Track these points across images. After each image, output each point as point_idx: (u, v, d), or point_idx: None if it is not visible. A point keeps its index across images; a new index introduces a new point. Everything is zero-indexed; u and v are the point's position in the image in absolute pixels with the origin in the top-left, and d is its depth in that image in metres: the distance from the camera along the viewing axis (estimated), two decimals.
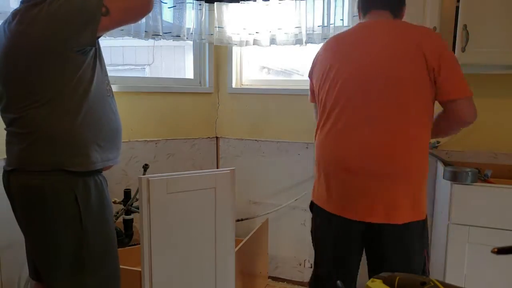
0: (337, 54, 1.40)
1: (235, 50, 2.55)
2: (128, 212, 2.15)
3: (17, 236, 1.37)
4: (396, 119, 1.26)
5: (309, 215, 2.37)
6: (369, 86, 1.29)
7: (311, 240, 1.56)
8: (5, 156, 1.30)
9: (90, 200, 1.27)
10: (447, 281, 1.32)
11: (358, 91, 1.31)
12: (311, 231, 1.55)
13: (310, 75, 1.55)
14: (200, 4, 2.36)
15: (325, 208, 1.40)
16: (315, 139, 1.48)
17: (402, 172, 1.27)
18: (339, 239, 1.41)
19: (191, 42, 2.54)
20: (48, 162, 1.22)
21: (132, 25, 2.16)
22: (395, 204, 1.27)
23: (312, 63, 1.54)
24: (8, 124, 1.28)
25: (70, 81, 1.22)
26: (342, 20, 2.15)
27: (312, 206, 1.52)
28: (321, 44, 1.54)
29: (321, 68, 1.44)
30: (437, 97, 1.30)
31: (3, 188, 1.32)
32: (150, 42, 2.31)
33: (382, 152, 1.27)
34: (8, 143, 1.29)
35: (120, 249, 2.16)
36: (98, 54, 1.31)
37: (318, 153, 1.43)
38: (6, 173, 1.29)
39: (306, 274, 2.46)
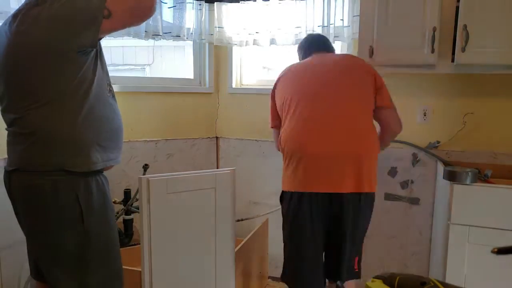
0: (299, 72, 1.68)
1: (235, 50, 2.55)
2: (128, 212, 2.15)
3: (17, 236, 1.37)
4: (356, 113, 1.56)
5: None
6: (330, 88, 1.58)
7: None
8: (6, 156, 1.30)
9: (91, 200, 1.27)
10: (447, 281, 1.33)
11: (320, 92, 1.58)
12: (283, 223, 1.66)
13: (273, 95, 1.77)
14: (200, 4, 2.36)
15: (295, 190, 1.56)
16: (280, 141, 1.64)
17: (365, 152, 1.53)
18: (310, 215, 1.55)
19: (191, 42, 2.54)
20: (50, 163, 1.22)
21: None
22: (361, 176, 1.51)
23: (274, 86, 1.77)
24: (10, 124, 1.28)
25: (71, 81, 1.21)
26: (342, 20, 2.15)
27: (282, 197, 1.65)
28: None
29: (284, 86, 1.69)
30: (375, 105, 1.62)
31: (3, 188, 1.32)
32: (150, 42, 2.31)
33: (348, 137, 1.51)
34: (10, 143, 1.29)
35: (120, 249, 2.17)
36: (99, 55, 1.31)
37: (286, 144, 1.59)
38: (7, 173, 1.29)
39: None
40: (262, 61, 2.67)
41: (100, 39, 1.27)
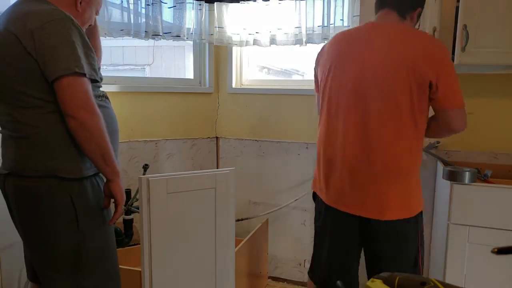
0: (341, 54, 1.45)
1: (235, 50, 2.55)
2: (128, 212, 2.15)
3: (17, 236, 1.37)
4: (390, 125, 1.35)
5: (309, 215, 2.37)
6: (366, 94, 1.36)
7: (311, 240, 1.57)
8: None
9: (86, 202, 1.26)
10: (447, 281, 1.33)
11: (355, 97, 1.38)
12: (314, 219, 1.62)
13: (316, 65, 1.59)
14: (200, 4, 2.36)
15: (323, 199, 1.51)
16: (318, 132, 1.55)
17: (394, 173, 1.36)
18: (335, 230, 1.50)
19: (191, 42, 2.54)
20: (43, 168, 1.20)
21: (132, 25, 2.16)
22: (386, 201, 1.37)
23: (319, 54, 1.57)
24: (2, 127, 1.26)
25: None
26: (342, 20, 2.15)
27: (315, 196, 1.59)
28: (321, 44, 1.57)
29: (325, 64, 1.49)
30: (431, 104, 1.37)
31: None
32: (150, 42, 2.31)
33: (378, 156, 1.36)
34: (3, 145, 1.27)
35: (120, 249, 2.16)
36: None
37: (319, 147, 1.53)
38: (1, 176, 1.27)
39: (306, 274, 2.45)
40: (262, 61, 2.67)
41: None
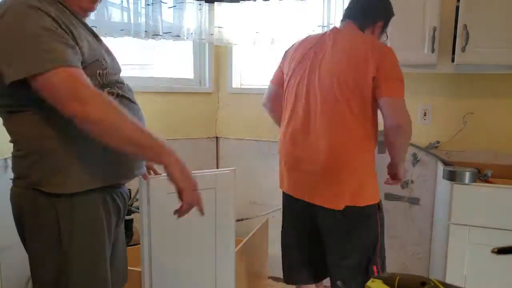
0: (303, 57, 1.58)
1: (235, 50, 2.55)
2: (128, 212, 2.14)
3: (17, 236, 1.37)
4: (344, 128, 1.45)
5: None
6: (323, 95, 1.48)
7: None
8: (6, 156, 1.26)
9: (74, 222, 1.06)
10: (447, 281, 1.33)
11: (313, 98, 1.51)
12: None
13: (282, 63, 1.73)
14: (200, 4, 2.36)
15: (284, 190, 1.67)
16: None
17: (345, 170, 1.45)
18: (292, 215, 1.67)
19: (191, 42, 2.54)
20: (27, 178, 1.05)
21: (132, 25, 2.16)
22: (336, 192, 1.46)
23: (286, 53, 1.72)
24: None
25: None
26: None
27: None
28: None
29: (289, 66, 1.64)
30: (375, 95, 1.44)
31: (2, 188, 1.31)
32: (150, 42, 2.31)
33: (329, 157, 1.46)
34: None
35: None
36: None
37: (280, 147, 1.67)
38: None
39: None
40: (262, 61, 2.67)
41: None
